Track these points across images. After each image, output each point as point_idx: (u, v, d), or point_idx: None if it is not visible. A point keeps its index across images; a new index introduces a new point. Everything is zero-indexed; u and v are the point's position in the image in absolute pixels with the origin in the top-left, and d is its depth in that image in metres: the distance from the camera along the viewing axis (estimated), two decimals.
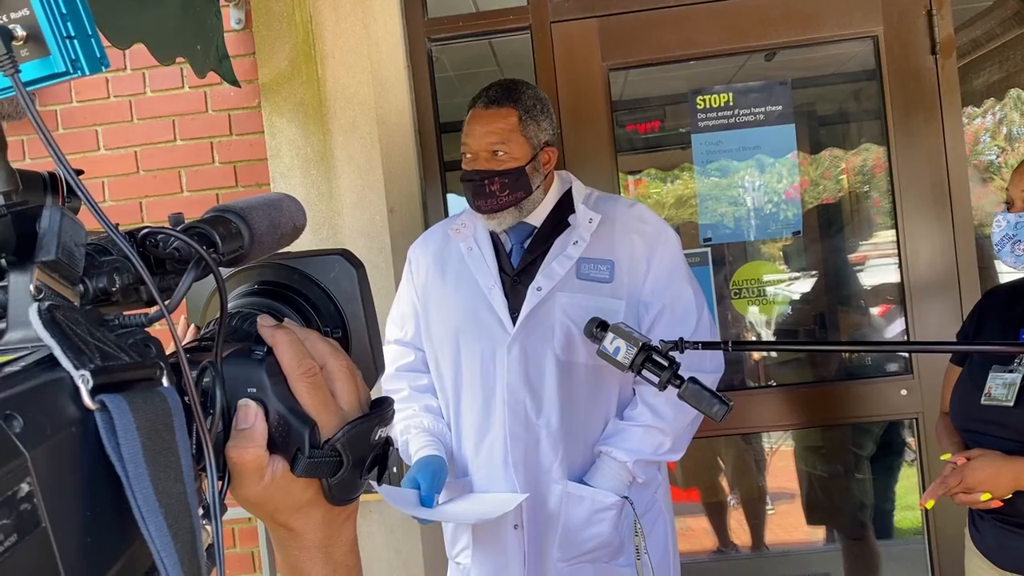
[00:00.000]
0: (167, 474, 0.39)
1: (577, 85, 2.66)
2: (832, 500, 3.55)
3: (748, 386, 3.14)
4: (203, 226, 0.51)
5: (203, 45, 2.26)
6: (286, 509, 0.56)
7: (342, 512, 0.58)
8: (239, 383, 0.53)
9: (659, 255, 1.86)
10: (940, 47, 2.53)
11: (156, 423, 0.39)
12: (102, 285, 0.44)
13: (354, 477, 0.56)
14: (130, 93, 2.69)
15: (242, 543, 2.68)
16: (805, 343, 3.07)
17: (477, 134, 1.84)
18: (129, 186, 2.68)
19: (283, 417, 0.53)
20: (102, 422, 0.37)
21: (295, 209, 0.62)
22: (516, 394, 1.83)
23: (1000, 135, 8.37)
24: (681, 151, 3.21)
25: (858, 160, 3.67)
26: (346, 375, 0.57)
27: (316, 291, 0.63)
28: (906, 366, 2.67)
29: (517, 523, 1.86)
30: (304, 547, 0.58)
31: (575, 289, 1.83)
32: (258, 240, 0.54)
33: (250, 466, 0.53)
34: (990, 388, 1.71)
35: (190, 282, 0.48)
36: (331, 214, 2.55)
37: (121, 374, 0.39)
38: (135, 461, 0.37)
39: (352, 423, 0.55)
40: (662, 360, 1.41)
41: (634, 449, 1.81)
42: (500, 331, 1.85)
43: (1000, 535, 1.73)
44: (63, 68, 0.47)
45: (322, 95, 2.54)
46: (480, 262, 1.90)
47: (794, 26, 2.61)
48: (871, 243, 3.30)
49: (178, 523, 0.39)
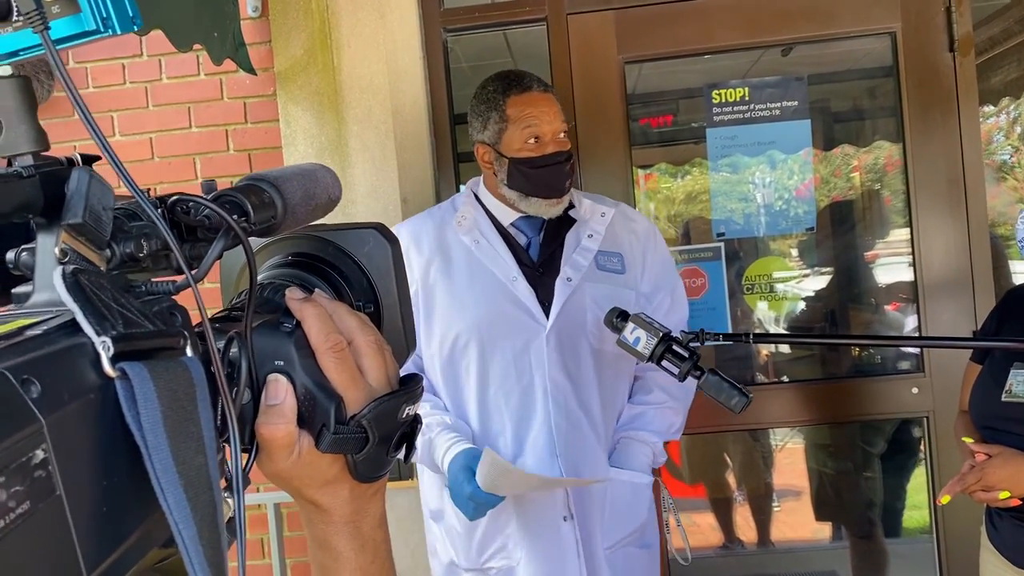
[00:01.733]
0: (188, 445, 0.38)
1: (592, 78, 2.65)
2: (840, 498, 3.54)
3: (758, 382, 3.14)
4: (235, 194, 0.50)
5: (220, 32, 2.27)
6: (313, 484, 0.56)
7: (370, 487, 0.58)
8: (266, 356, 0.53)
9: (652, 250, 1.97)
10: (958, 44, 2.52)
11: (178, 393, 0.39)
12: (129, 250, 0.43)
13: (380, 454, 0.56)
14: (146, 79, 2.69)
15: (251, 529, 2.69)
16: (822, 336, 3.06)
17: (548, 116, 1.83)
18: (144, 172, 2.69)
19: (310, 392, 0.53)
20: (122, 390, 0.37)
21: (331, 180, 0.60)
22: (559, 385, 1.81)
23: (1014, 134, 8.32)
24: (694, 146, 3.20)
25: (870, 158, 3.65)
26: (374, 351, 0.56)
27: (349, 264, 0.62)
28: (917, 364, 2.66)
29: (567, 514, 1.84)
30: (332, 522, 0.57)
31: (597, 280, 1.86)
32: (291, 210, 0.53)
33: (280, 442, 0.52)
34: (1011, 385, 1.70)
35: (219, 251, 0.47)
36: (344, 203, 2.55)
37: (143, 342, 0.38)
38: (154, 431, 0.37)
39: (379, 399, 0.55)
40: (682, 351, 1.40)
41: (657, 430, 1.90)
42: (532, 323, 1.82)
43: (1019, 533, 1.72)
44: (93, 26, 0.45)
45: (337, 84, 2.55)
46: (494, 255, 1.86)
47: (812, 21, 2.60)
48: (884, 241, 3.29)
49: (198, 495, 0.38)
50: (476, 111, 1.90)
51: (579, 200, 1.94)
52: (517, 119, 1.83)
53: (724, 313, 2.75)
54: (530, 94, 1.84)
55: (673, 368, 1.40)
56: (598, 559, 1.86)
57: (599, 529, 1.87)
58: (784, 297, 2.95)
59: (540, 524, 1.82)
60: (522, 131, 1.82)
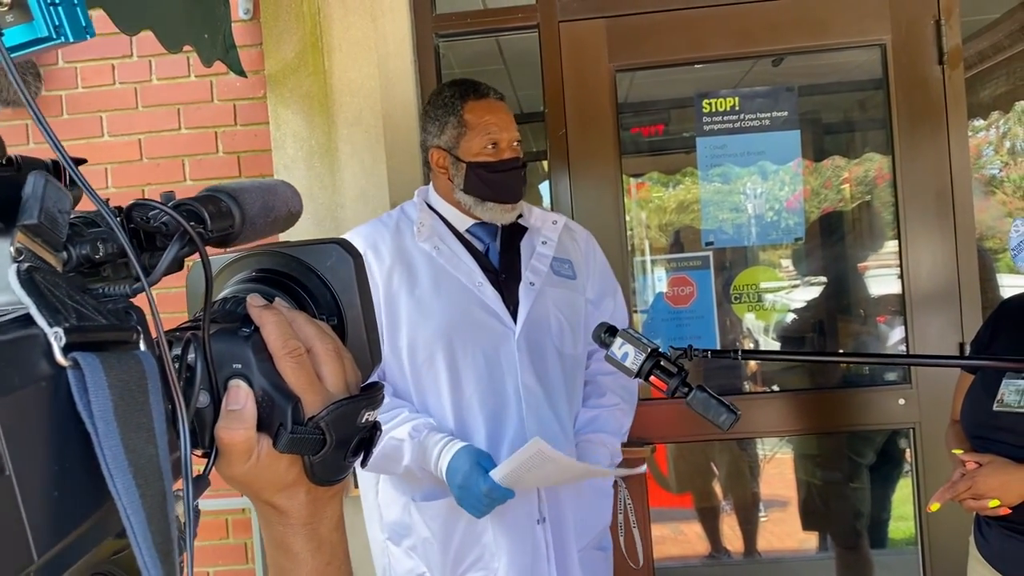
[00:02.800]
0: (138, 435, 0.39)
1: (583, 85, 2.65)
2: (827, 508, 3.55)
3: (746, 391, 3.14)
4: (193, 203, 0.51)
5: (210, 34, 2.26)
6: (271, 488, 0.57)
7: (327, 491, 0.59)
8: (224, 359, 0.54)
9: (593, 257, 2.03)
10: (948, 57, 2.53)
11: (129, 384, 0.39)
12: (85, 252, 0.44)
13: (338, 458, 0.57)
14: (136, 80, 2.68)
15: (235, 534, 2.67)
16: (808, 353, 3.07)
17: (505, 123, 1.87)
18: (132, 173, 2.68)
19: (267, 393, 0.54)
20: (74, 379, 0.37)
21: (291, 194, 0.61)
22: (531, 389, 1.83)
23: (1003, 149, 8.37)
24: (685, 155, 3.21)
25: (860, 170, 3.67)
26: (332, 357, 0.57)
27: (313, 280, 0.63)
28: (905, 376, 2.66)
29: (539, 518, 1.84)
30: (289, 524, 0.58)
31: (555, 284, 1.91)
32: (250, 221, 0.54)
33: (239, 447, 0.53)
34: (1003, 394, 1.71)
35: (173, 255, 0.48)
36: (334, 207, 2.55)
37: (96, 334, 0.39)
38: (105, 419, 0.37)
39: (338, 403, 0.56)
40: (670, 367, 1.40)
41: (612, 431, 1.94)
42: (501, 327, 1.83)
43: (1008, 543, 1.72)
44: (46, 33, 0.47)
45: (328, 87, 2.54)
46: (457, 261, 1.86)
47: (803, 32, 2.61)
48: (873, 253, 3.30)
49: (147, 483, 0.39)
50: (432, 116, 1.92)
51: (528, 209, 1.98)
52: (476, 125, 1.85)
53: (712, 322, 2.75)
54: (488, 101, 1.88)
55: (661, 384, 1.39)
56: (571, 561, 1.87)
57: (572, 530, 1.88)
58: (772, 307, 2.96)
59: (516, 529, 1.82)
60: (482, 137, 1.85)
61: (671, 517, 4.16)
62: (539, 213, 1.99)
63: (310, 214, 2.53)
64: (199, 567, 2.64)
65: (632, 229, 2.97)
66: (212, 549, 2.66)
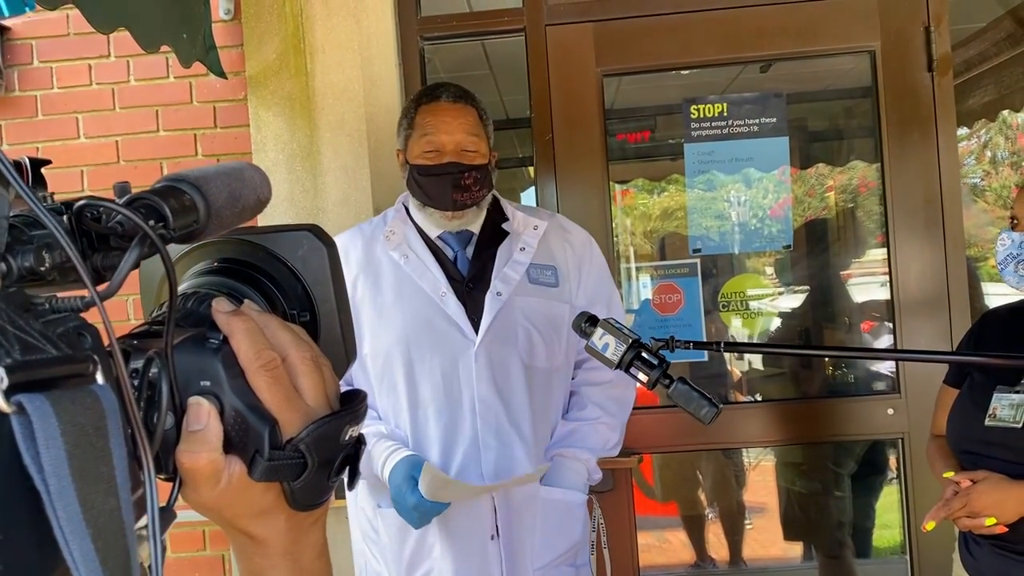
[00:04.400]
0: (97, 487, 0.34)
1: (570, 90, 2.62)
2: (811, 517, 3.53)
3: (732, 400, 3.12)
4: (151, 197, 0.44)
5: (190, 34, 2.21)
6: (245, 515, 0.51)
7: (309, 516, 0.53)
8: (191, 375, 0.48)
9: (588, 260, 1.94)
10: (937, 64, 2.52)
11: (86, 427, 0.34)
12: (28, 264, 0.38)
13: (320, 479, 0.51)
14: (113, 81, 2.62)
15: (212, 546, 2.61)
16: (796, 347, 3.03)
17: (449, 127, 1.80)
18: (109, 176, 2.61)
19: (240, 414, 0.48)
20: (19, 427, 0.32)
21: (259, 179, 0.54)
22: (487, 402, 1.78)
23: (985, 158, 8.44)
24: (671, 162, 3.19)
25: (844, 178, 3.66)
26: (310, 368, 0.52)
27: (282, 270, 0.57)
28: (893, 385, 2.64)
29: (493, 533, 1.80)
30: (268, 555, 0.53)
31: (529, 293, 1.84)
32: (215, 214, 0.48)
33: (203, 471, 0.48)
34: (995, 409, 1.67)
35: (132, 262, 0.41)
36: (315, 211, 2.50)
37: (45, 370, 0.34)
38: (58, 474, 0.32)
39: (318, 421, 0.50)
40: (651, 358, 1.35)
41: (592, 447, 1.87)
42: (461, 339, 1.79)
43: (998, 561, 1.69)
44: None
45: (310, 90, 2.49)
46: (423, 270, 1.82)
47: (791, 38, 2.59)
48: (859, 261, 3.29)
49: (108, 545, 0.34)
50: (399, 119, 1.92)
51: (512, 213, 1.92)
52: (419, 126, 1.83)
53: (699, 329, 2.72)
54: (437, 104, 1.83)
55: (642, 376, 1.35)
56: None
57: (529, 549, 1.83)
58: (759, 314, 2.93)
59: (466, 543, 1.79)
60: (420, 139, 1.82)
61: (656, 525, 4.14)
62: (522, 218, 1.91)
63: (291, 218, 2.48)
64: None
65: (618, 236, 2.94)
66: (188, 561, 2.60)
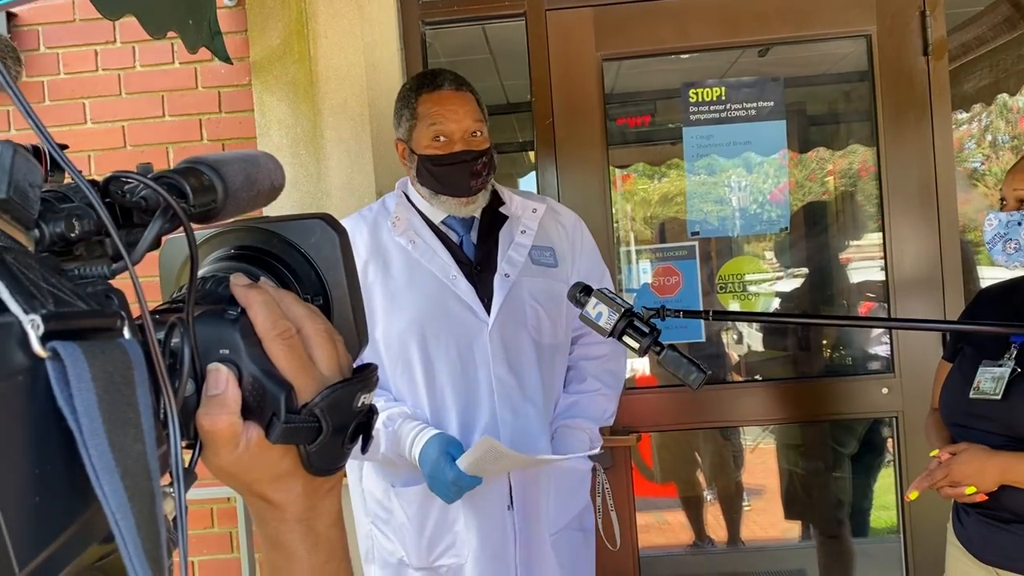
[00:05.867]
0: (125, 431, 0.36)
1: (570, 74, 2.65)
2: (810, 497, 3.57)
3: (730, 381, 3.16)
4: (173, 176, 0.47)
5: (195, 20, 2.24)
6: (263, 479, 0.53)
7: (325, 483, 0.55)
8: (211, 344, 0.51)
9: (579, 241, 2.01)
10: (932, 48, 2.54)
11: (114, 375, 0.36)
12: (60, 230, 0.41)
13: (335, 445, 0.54)
14: (119, 67, 2.65)
15: (220, 523, 2.66)
16: (783, 315, 3.05)
17: (456, 115, 1.84)
18: (116, 161, 2.65)
19: (258, 380, 0.51)
20: (54, 371, 0.34)
21: (273, 167, 0.58)
22: (504, 380, 1.84)
23: (985, 142, 8.44)
24: (671, 146, 3.21)
25: (844, 163, 3.69)
26: (324, 338, 0.54)
27: (296, 257, 0.60)
28: (888, 365, 2.68)
29: (509, 504, 1.87)
30: (284, 520, 0.55)
31: (533, 274, 1.90)
32: (232, 195, 0.51)
33: (223, 434, 0.50)
34: (979, 382, 1.72)
35: (156, 231, 0.44)
36: (319, 195, 2.54)
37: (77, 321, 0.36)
38: (90, 414, 0.34)
39: (332, 387, 0.53)
40: (643, 326, 1.41)
41: (592, 417, 1.96)
42: (474, 320, 1.85)
43: (984, 529, 1.75)
44: None
45: (314, 75, 2.53)
46: (432, 254, 1.87)
47: (788, 22, 2.61)
48: (856, 244, 3.32)
49: (136, 484, 0.36)
50: (395, 108, 1.93)
51: (508, 197, 1.97)
52: (424, 116, 1.85)
53: None
54: (440, 92, 1.86)
55: (634, 343, 1.40)
56: (541, 546, 1.90)
57: (544, 516, 1.91)
58: (757, 297, 2.97)
59: (486, 515, 1.86)
60: (428, 128, 1.84)
61: (655, 506, 4.19)
62: (519, 201, 1.96)
63: (295, 202, 2.52)
64: None
65: (618, 220, 2.97)
66: (197, 538, 2.65)
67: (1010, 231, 1.72)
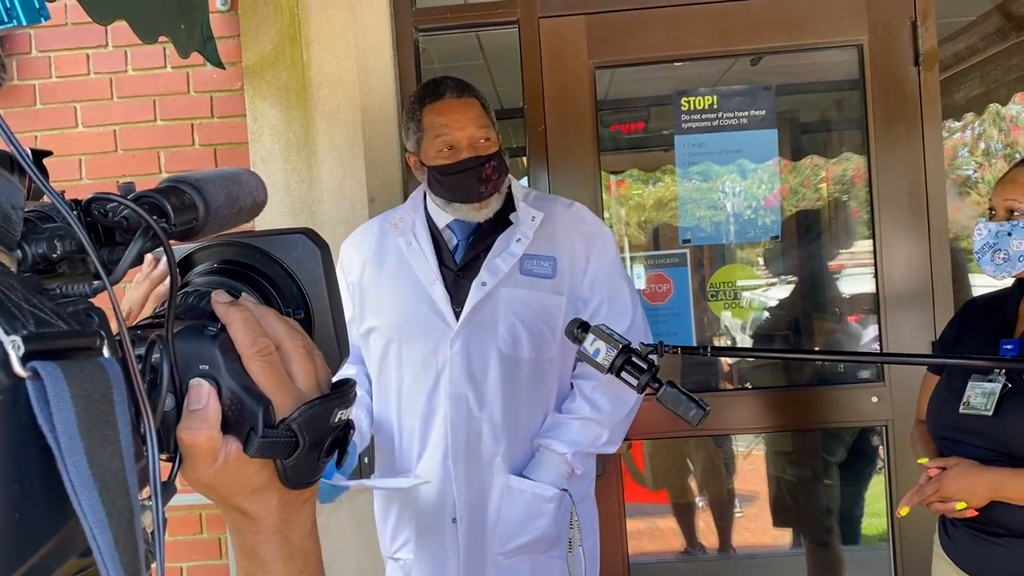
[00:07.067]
0: (104, 448, 0.37)
1: (563, 82, 2.65)
2: (800, 505, 3.58)
3: (721, 388, 3.16)
4: (154, 195, 0.49)
5: (187, 25, 2.23)
6: (240, 492, 0.55)
7: (299, 495, 0.57)
8: (191, 360, 0.52)
9: (597, 253, 1.93)
10: (923, 58, 2.55)
11: (93, 394, 0.37)
12: (42, 251, 0.42)
13: (311, 459, 0.55)
14: (111, 70, 2.65)
15: (209, 529, 2.65)
16: (780, 351, 3.08)
17: (460, 123, 1.84)
18: (107, 165, 2.65)
19: (236, 395, 0.52)
20: (34, 391, 0.34)
21: (255, 184, 0.59)
22: (458, 388, 1.84)
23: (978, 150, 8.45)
24: (664, 153, 3.21)
25: (838, 170, 3.70)
26: (303, 355, 0.55)
27: (278, 271, 0.61)
28: (878, 374, 2.69)
29: (455, 516, 1.87)
30: (260, 531, 0.56)
31: (518, 284, 1.87)
32: (214, 213, 0.52)
33: (203, 448, 0.51)
34: (969, 397, 1.72)
35: (136, 252, 0.46)
36: (311, 201, 2.53)
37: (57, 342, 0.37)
38: (68, 432, 0.35)
39: (309, 403, 0.54)
40: (641, 363, 1.41)
41: (573, 441, 1.87)
42: (442, 326, 1.85)
43: (973, 543, 1.74)
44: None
45: (306, 80, 2.53)
46: (420, 257, 1.89)
47: (781, 31, 2.62)
48: (848, 252, 3.32)
49: (114, 500, 0.36)
50: (404, 121, 1.94)
51: (519, 203, 1.94)
52: (430, 128, 1.85)
53: (688, 319, 2.76)
54: (443, 102, 1.86)
55: (632, 380, 1.41)
56: (483, 563, 1.87)
57: (491, 534, 1.88)
58: (749, 305, 2.97)
59: (431, 524, 1.89)
60: (435, 140, 1.85)
61: (647, 512, 4.18)
62: (524, 208, 1.92)
63: (287, 207, 2.51)
64: (173, 563, 2.62)
65: (612, 226, 2.97)
66: (185, 544, 2.64)
67: (999, 241, 1.72)
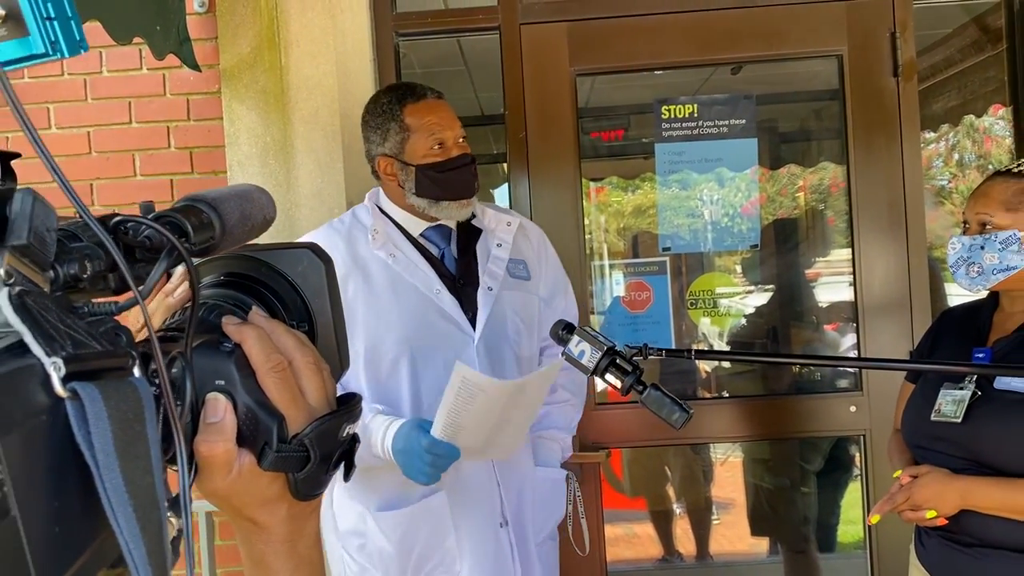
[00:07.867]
0: (137, 465, 0.39)
1: (544, 89, 2.65)
2: (777, 513, 3.59)
3: (700, 396, 3.16)
4: (175, 215, 0.51)
5: (163, 26, 2.21)
6: (252, 503, 0.57)
7: (307, 506, 0.59)
8: (208, 375, 0.54)
9: (546, 255, 2.06)
10: (902, 69, 2.57)
11: (127, 413, 0.39)
12: (73, 271, 0.43)
13: (320, 472, 0.57)
14: (85, 71, 2.61)
15: (224, 535, 2.60)
16: (762, 354, 3.09)
17: (448, 123, 1.87)
18: (80, 167, 2.60)
19: (251, 410, 0.54)
20: (73, 410, 0.36)
21: (265, 201, 0.62)
22: None
23: (952, 161, 8.56)
24: (644, 160, 3.23)
25: (815, 179, 3.72)
26: (313, 371, 0.58)
27: (283, 284, 0.64)
28: (856, 383, 2.70)
29: (502, 521, 1.88)
30: (269, 541, 0.59)
31: (511, 287, 1.93)
32: (229, 231, 0.55)
33: (219, 460, 0.53)
34: (940, 405, 1.73)
35: (163, 270, 0.48)
36: (288, 205, 2.50)
37: (93, 362, 0.39)
38: (105, 451, 0.37)
39: (321, 419, 0.56)
40: (625, 365, 1.40)
41: (563, 426, 2.05)
42: (460, 334, 1.84)
43: (945, 552, 1.75)
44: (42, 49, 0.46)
45: (284, 84, 2.50)
46: (413, 268, 1.86)
47: (761, 41, 2.63)
48: (824, 260, 3.35)
49: (146, 515, 0.39)
50: (372, 124, 1.90)
51: (481, 209, 1.97)
52: (419, 127, 1.84)
53: (668, 327, 2.76)
54: (426, 102, 1.87)
55: (616, 382, 1.40)
56: (531, 557, 1.94)
57: (531, 528, 1.95)
58: (727, 313, 2.98)
59: (479, 533, 1.85)
60: (427, 138, 1.84)
61: (624, 518, 4.18)
62: (492, 214, 1.98)
63: (276, 214, 2.48)
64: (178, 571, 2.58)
65: (591, 233, 2.97)
66: None
67: (973, 255, 1.73)
